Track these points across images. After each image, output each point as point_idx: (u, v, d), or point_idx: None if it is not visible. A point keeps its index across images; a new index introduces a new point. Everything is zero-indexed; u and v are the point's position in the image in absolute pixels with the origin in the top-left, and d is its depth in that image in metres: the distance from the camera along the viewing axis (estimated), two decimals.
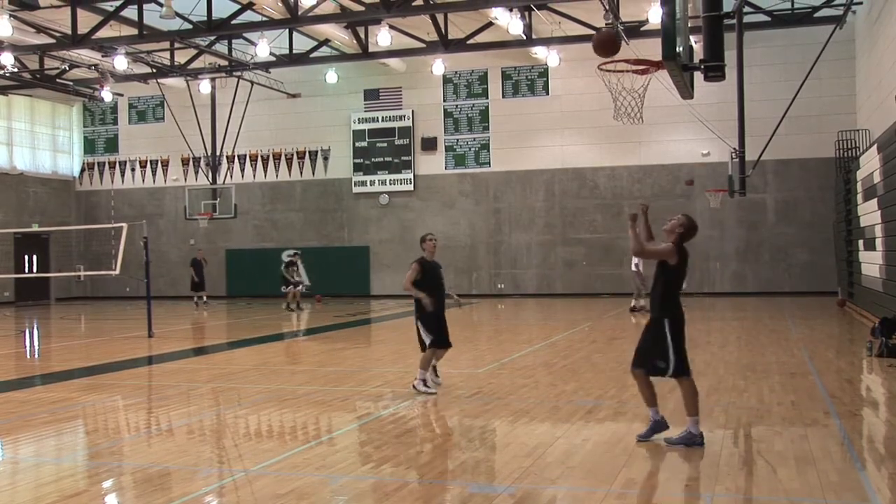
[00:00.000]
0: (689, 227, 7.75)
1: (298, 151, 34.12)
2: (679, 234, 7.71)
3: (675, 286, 7.70)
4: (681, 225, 7.73)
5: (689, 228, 7.74)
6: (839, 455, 7.33)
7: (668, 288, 7.68)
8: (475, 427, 8.91)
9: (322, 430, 9.00)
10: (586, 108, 30.11)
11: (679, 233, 7.71)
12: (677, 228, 7.72)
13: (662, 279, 7.70)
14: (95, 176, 36.71)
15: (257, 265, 31.95)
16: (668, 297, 7.66)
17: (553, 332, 18.14)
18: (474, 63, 31.58)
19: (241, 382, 12.31)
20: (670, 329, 7.59)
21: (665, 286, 7.68)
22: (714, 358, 13.65)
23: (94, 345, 18.15)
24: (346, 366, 13.79)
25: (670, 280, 7.67)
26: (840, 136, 26.13)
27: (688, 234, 7.73)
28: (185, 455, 7.81)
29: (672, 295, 7.69)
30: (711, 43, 9.97)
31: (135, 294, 32.37)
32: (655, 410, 7.83)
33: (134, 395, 11.44)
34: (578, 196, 31.02)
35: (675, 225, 7.74)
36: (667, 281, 7.68)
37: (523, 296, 31.15)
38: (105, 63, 27.99)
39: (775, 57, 28.71)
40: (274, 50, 28.13)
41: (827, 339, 16.64)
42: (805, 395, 10.11)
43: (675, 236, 7.71)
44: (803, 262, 29.03)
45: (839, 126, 26.67)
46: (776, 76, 28.23)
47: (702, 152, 29.55)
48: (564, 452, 7.51)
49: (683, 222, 7.76)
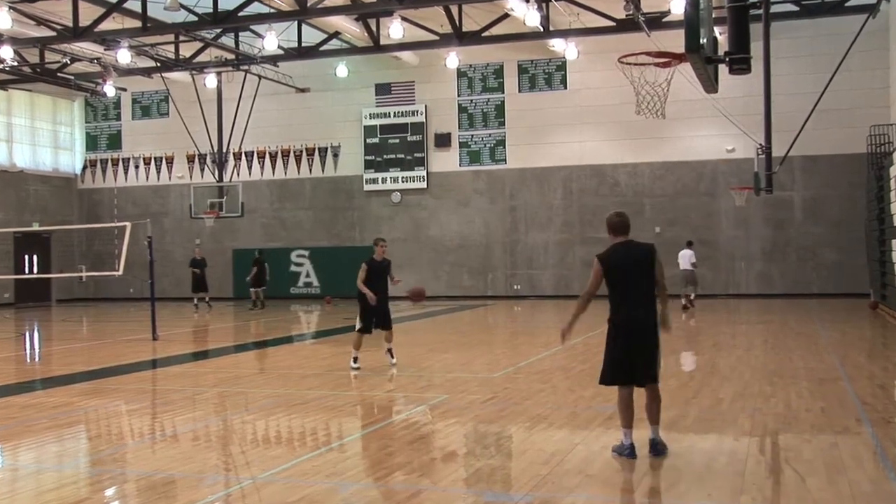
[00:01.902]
0: (609, 225, 7.78)
1: (307, 148, 34.18)
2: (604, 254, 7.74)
3: (613, 290, 7.62)
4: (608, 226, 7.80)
5: (609, 226, 7.78)
6: (872, 464, 7.29)
7: (610, 293, 7.66)
8: (490, 433, 8.91)
9: (332, 436, 9.01)
10: (606, 102, 30.04)
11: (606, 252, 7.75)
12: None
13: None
14: (98, 173, 36.87)
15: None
16: (610, 302, 7.65)
17: (572, 335, 18.06)
18: (489, 56, 31.56)
19: (249, 387, 12.34)
20: (607, 334, 7.68)
21: (609, 293, 7.70)
22: (739, 362, 13.60)
23: (97, 348, 18.23)
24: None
25: (609, 286, 7.65)
26: (872, 131, 25.94)
27: (611, 230, 7.77)
28: (191, 462, 7.83)
29: (611, 300, 7.64)
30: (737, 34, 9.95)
31: (138, 295, 32.51)
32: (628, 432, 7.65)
33: (137, 399, 11.47)
34: (597, 194, 30.95)
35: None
36: (608, 287, 7.69)
37: (540, 297, 31.11)
38: (108, 57, 28.10)
39: (803, 48, 28.56)
40: (282, 43, 28.19)
41: (858, 342, 16.55)
42: (835, 402, 10.05)
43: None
44: (832, 263, 28.87)
45: (871, 120, 26.47)
46: (804, 68, 28.07)
47: (726, 148, 29.44)
48: (583, 460, 7.49)
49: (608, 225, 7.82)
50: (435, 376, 12.79)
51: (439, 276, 32.40)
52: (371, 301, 13.06)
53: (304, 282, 33.80)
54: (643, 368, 7.52)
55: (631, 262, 7.60)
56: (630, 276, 7.56)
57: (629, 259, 7.61)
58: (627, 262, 7.59)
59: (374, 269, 13.42)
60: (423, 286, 14.84)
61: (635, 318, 7.51)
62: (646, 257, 7.61)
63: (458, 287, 32.11)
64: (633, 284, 7.55)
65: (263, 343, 18.65)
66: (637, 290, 7.56)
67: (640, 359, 7.51)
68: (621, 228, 7.72)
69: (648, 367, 7.53)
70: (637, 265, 7.58)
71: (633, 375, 7.54)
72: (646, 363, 7.52)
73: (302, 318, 26.38)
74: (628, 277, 7.56)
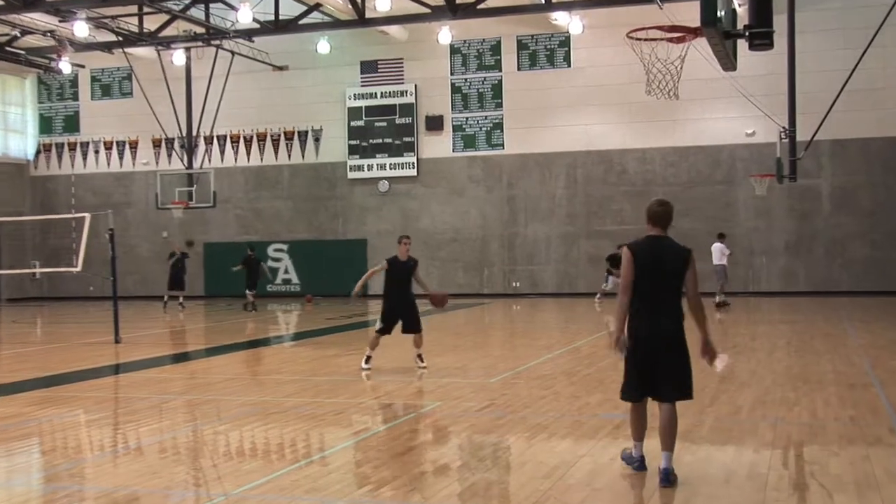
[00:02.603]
0: (647, 214, 7.37)
1: (286, 132, 34.15)
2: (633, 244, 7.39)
3: (637, 296, 7.22)
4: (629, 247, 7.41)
5: (647, 215, 7.38)
6: None
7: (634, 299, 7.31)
8: (487, 444, 8.91)
9: (313, 448, 9.01)
10: (614, 81, 30.06)
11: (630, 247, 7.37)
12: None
13: None
14: (53, 159, 36.78)
15: (239, 261, 31.89)
16: (630, 306, 7.26)
17: (576, 337, 18.13)
18: (486, 31, 31.54)
19: (221, 394, 12.33)
20: (627, 347, 7.29)
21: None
22: (760, 366, 13.63)
23: (52, 352, 18.19)
24: (339, 375, 13.79)
25: (636, 290, 7.26)
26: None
27: (648, 219, 7.36)
28: (157, 477, 7.82)
29: (631, 304, 7.25)
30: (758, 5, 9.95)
31: (99, 294, 32.40)
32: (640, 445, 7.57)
33: (98, 409, 11.45)
34: (605, 182, 30.98)
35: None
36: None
37: (541, 295, 31.15)
38: (63, 29, 28.02)
39: (832, 21, 28.60)
40: (257, 15, 28.14)
41: (891, 345, 16.59)
42: (866, 410, 10.07)
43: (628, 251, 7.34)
44: (863, 258, 28.95)
45: None
46: (833, 44, 28.12)
47: (746, 132, 29.48)
48: (589, 473, 7.50)
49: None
50: (427, 382, 12.80)
51: (431, 273, 32.36)
52: (353, 296, 14.34)
53: (282, 278, 33.79)
54: (669, 382, 7.18)
55: (657, 261, 7.18)
56: (653, 277, 7.14)
57: (655, 258, 7.19)
58: (653, 260, 7.18)
59: (396, 268, 13.69)
60: (445, 291, 15.14)
61: (656, 331, 7.14)
62: (677, 260, 7.20)
63: (452, 284, 32.10)
64: (655, 288, 7.17)
65: (238, 346, 18.63)
66: (659, 296, 7.18)
67: (665, 372, 7.16)
68: (657, 220, 7.27)
69: (676, 382, 7.20)
70: (663, 266, 7.18)
71: (656, 388, 7.21)
72: (672, 377, 7.18)
73: (280, 319, 26.37)
74: (651, 279, 7.14)
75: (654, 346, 7.15)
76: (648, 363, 7.18)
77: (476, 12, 27.67)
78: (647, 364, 7.18)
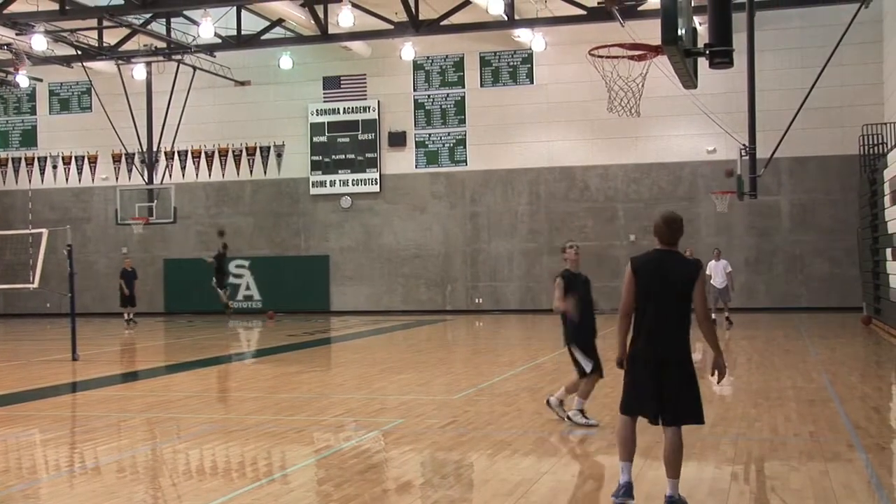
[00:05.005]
0: (654, 228, 7.13)
1: (248, 147, 34.00)
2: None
3: (639, 313, 6.99)
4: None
5: (654, 229, 7.13)
6: (865, 494, 7.39)
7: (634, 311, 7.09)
8: (449, 461, 8.91)
9: (274, 466, 8.95)
10: (576, 98, 30.24)
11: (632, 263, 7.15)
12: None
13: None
14: (9, 173, 36.35)
15: (200, 277, 31.69)
16: (633, 322, 7.10)
17: (538, 353, 18.16)
18: (449, 47, 31.64)
19: (181, 412, 12.22)
20: (627, 362, 7.09)
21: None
22: (722, 382, 13.71)
23: (7, 370, 17.93)
24: (301, 392, 13.73)
25: (637, 307, 7.04)
26: (865, 131, 26.37)
27: (654, 233, 7.11)
28: (115, 497, 7.73)
29: (633, 320, 7.05)
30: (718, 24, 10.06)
31: (56, 311, 32.07)
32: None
33: (53, 427, 11.31)
34: (567, 198, 31.14)
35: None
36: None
37: (504, 311, 31.19)
38: (20, 43, 27.75)
39: (791, 40, 29.00)
40: (219, 30, 28.04)
41: (850, 360, 16.77)
42: (825, 426, 10.18)
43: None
44: (822, 274, 29.28)
45: (864, 119, 26.92)
46: (792, 62, 28.51)
47: (707, 149, 29.77)
48: (552, 490, 7.51)
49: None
50: (389, 398, 12.77)
51: (393, 289, 32.36)
52: (574, 317, 10.05)
53: (243, 294, 33.56)
54: (673, 405, 6.83)
55: (662, 277, 6.90)
56: (656, 294, 6.88)
57: (660, 273, 6.91)
58: (658, 276, 6.90)
59: (572, 285, 10.32)
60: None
61: (658, 352, 6.85)
62: (683, 277, 6.89)
63: (415, 301, 32.09)
64: (658, 306, 6.87)
65: (198, 363, 18.48)
66: (662, 314, 6.87)
67: (669, 395, 6.83)
68: (663, 234, 6.99)
69: (681, 405, 6.85)
70: (669, 282, 6.88)
71: (659, 407, 6.86)
72: (677, 400, 6.84)
73: (241, 336, 26.19)
74: (655, 296, 6.88)
75: (655, 369, 6.83)
76: (649, 383, 6.85)
77: (439, 29, 27.77)
78: (648, 384, 6.85)
